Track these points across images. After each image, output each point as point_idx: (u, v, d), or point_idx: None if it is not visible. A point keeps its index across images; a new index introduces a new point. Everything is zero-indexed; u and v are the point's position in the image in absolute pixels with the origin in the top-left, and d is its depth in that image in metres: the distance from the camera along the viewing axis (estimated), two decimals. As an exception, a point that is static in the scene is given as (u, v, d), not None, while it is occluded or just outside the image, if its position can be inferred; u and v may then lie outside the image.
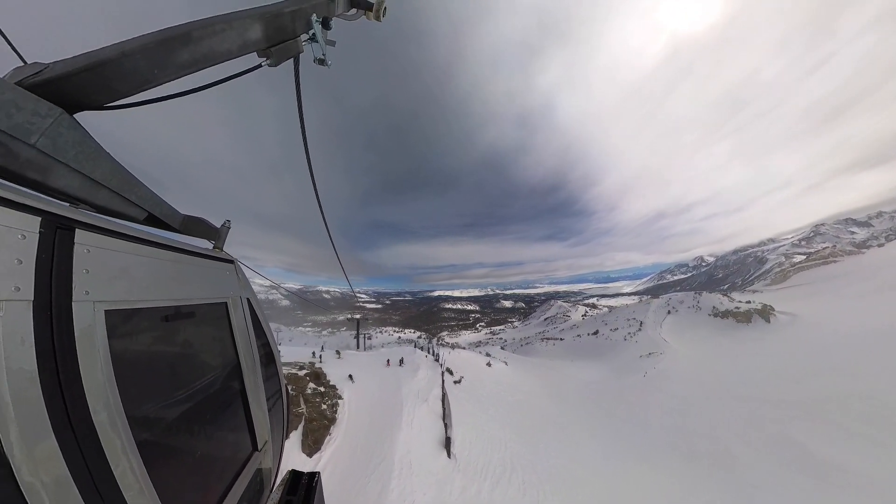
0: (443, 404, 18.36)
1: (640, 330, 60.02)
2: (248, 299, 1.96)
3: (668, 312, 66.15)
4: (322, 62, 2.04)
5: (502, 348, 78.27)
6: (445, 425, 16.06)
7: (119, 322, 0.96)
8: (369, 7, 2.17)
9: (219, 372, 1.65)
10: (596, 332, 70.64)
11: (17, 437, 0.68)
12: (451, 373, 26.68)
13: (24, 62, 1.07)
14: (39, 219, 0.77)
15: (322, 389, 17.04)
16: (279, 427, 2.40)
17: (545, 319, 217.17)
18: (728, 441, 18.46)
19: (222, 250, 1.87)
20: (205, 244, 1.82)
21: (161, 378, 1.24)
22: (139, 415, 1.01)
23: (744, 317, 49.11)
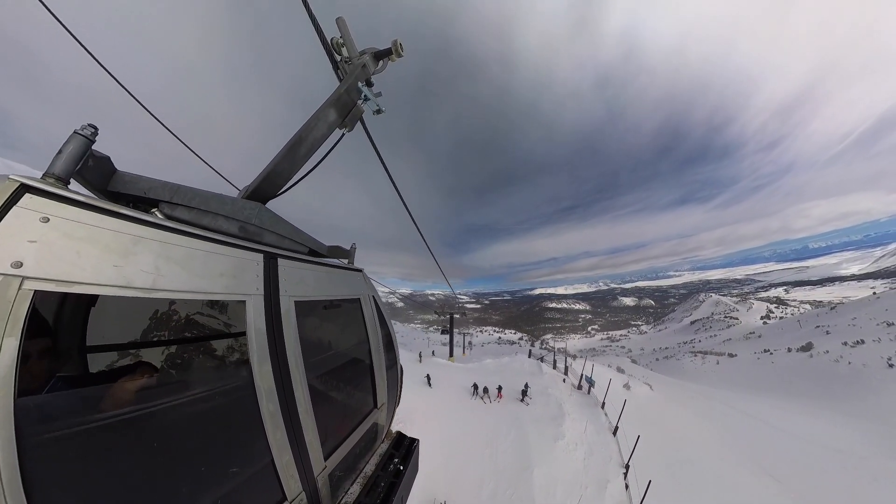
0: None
1: (929, 348, 31.36)
2: (373, 297, 2.66)
3: None
4: (379, 111, 2.62)
5: (633, 361, 58.85)
6: None
7: (301, 308, 1.71)
8: (390, 53, 2.60)
9: (356, 347, 2.42)
10: (807, 347, 44.86)
11: (255, 361, 1.41)
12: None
13: (237, 188, 2.08)
14: (262, 255, 1.58)
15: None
16: (393, 395, 2.97)
17: (692, 323, 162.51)
18: None
19: (353, 264, 2.69)
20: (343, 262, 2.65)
21: (322, 343, 2.06)
22: (308, 363, 1.74)
23: None
